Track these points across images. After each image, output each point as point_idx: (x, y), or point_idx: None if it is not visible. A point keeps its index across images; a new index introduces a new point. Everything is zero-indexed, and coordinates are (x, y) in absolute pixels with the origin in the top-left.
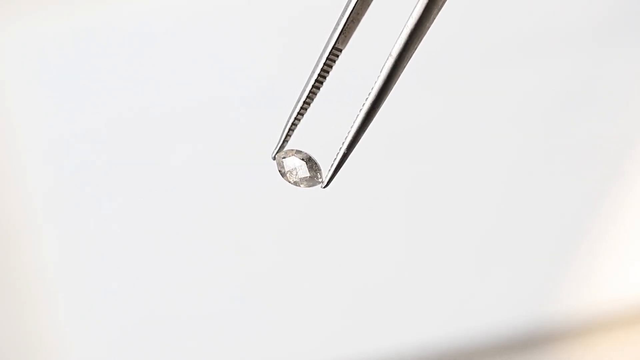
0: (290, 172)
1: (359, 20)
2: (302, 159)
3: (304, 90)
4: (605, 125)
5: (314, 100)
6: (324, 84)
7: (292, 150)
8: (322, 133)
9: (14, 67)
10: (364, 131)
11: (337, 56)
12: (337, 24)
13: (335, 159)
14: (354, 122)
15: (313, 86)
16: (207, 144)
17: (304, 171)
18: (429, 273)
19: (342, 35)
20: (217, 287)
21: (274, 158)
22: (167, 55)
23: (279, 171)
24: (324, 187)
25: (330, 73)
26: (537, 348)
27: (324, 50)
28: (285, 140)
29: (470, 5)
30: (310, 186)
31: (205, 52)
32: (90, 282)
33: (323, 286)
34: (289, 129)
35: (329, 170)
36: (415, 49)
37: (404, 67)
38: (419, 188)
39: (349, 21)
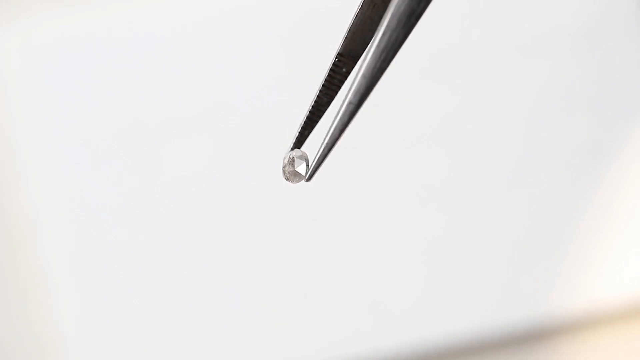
0: (284, 168)
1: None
2: (293, 156)
3: (316, 94)
4: (599, 126)
5: (332, 103)
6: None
7: (294, 150)
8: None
9: (18, 72)
10: (345, 129)
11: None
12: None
13: (315, 156)
14: (333, 122)
15: (322, 92)
16: (211, 147)
17: (291, 167)
18: (426, 271)
19: (352, 42)
20: (220, 289)
21: None
22: (172, 61)
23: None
24: (307, 181)
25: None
26: (533, 346)
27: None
28: (294, 143)
29: (469, 6)
30: (298, 181)
31: (212, 57)
32: (96, 285)
33: (322, 287)
34: (298, 132)
35: (310, 166)
36: (402, 42)
37: (385, 68)
38: (415, 187)
39: (352, 30)
